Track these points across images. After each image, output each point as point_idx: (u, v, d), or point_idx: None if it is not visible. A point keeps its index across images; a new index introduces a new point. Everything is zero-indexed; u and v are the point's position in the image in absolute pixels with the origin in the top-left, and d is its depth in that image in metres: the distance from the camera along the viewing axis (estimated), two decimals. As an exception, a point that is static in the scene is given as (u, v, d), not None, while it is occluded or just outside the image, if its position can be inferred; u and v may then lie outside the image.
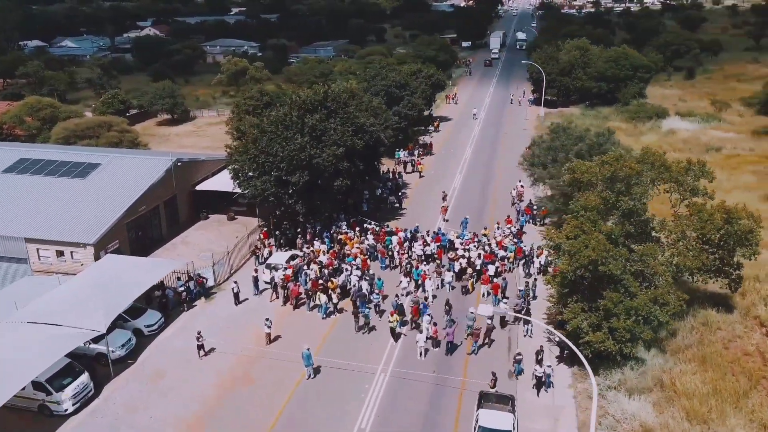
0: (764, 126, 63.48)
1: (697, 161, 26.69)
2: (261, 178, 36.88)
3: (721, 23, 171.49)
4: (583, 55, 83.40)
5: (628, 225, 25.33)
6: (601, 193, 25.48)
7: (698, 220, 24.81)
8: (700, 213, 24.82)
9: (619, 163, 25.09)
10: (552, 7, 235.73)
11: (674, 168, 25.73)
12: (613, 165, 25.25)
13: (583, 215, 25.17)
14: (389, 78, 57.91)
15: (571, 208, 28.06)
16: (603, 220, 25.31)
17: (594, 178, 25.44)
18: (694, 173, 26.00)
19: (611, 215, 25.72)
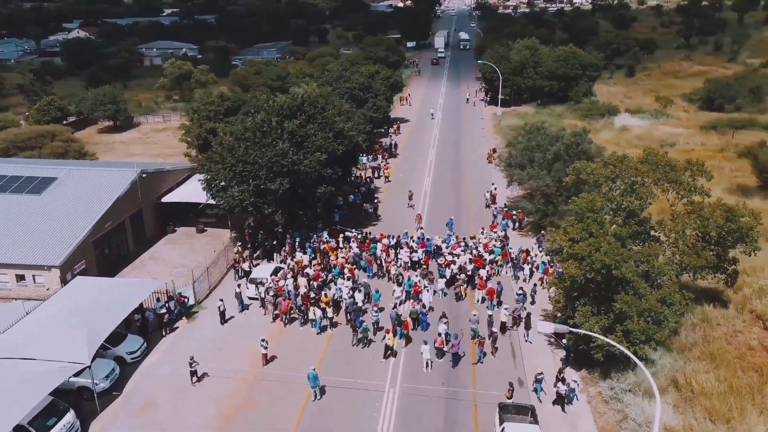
0: (710, 121, 66.17)
1: (696, 160, 27.12)
2: (239, 188, 35.03)
3: (648, 22, 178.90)
4: (533, 54, 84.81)
5: (634, 225, 25.35)
6: (606, 194, 25.41)
7: (698, 218, 25.08)
8: (701, 211, 25.12)
9: (624, 164, 25.11)
10: (488, 7, 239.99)
11: (679, 167, 25.96)
12: (618, 166, 25.24)
13: (589, 217, 24.98)
14: (353, 80, 56.76)
15: (572, 209, 27.91)
16: (610, 221, 25.22)
17: (599, 179, 25.32)
18: (692, 172, 26.35)
19: (617, 216, 25.67)
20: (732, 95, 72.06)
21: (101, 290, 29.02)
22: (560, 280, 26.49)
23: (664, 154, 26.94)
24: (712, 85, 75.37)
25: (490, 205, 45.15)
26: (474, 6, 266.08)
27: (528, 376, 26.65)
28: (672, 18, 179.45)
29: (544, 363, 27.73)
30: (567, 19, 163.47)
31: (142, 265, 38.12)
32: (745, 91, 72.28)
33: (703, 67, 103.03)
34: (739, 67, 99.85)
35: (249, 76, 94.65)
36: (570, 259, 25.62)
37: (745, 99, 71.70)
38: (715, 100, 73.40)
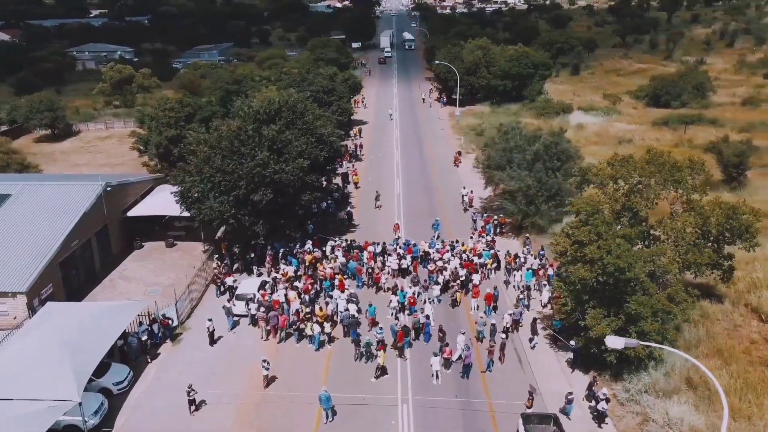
0: (660, 117, 68.42)
1: (697, 159, 27.54)
2: (218, 200, 33.15)
3: (582, 22, 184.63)
4: (485, 54, 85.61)
5: (640, 226, 25.42)
6: (612, 195, 25.34)
7: (698, 216, 25.39)
8: (701, 209, 25.44)
9: (630, 165, 25.13)
10: (427, 7, 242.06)
11: (683, 167, 26.21)
12: (624, 167, 25.24)
13: (597, 218, 24.84)
14: (317, 83, 55.34)
15: (572, 210, 27.81)
16: (617, 222, 25.19)
17: (604, 179, 25.23)
18: (693, 171, 26.68)
19: (622, 217, 25.69)
20: (677, 92, 74.94)
21: (79, 317, 26.63)
22: (567, 283, 26.22)
23: (668, 154, 27.20)
24: (658, 82, 78.14)
25: (468, 208, 44.80)
26: (413, 6, 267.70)
27: (538, 381, 26.31)
28: (604, 18, 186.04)
29: (550, 367, 27.53)
30: (508, 19, 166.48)
31: (112, 285, 35.55)
32: (689, 87, 75.23)
33: (643, 65, 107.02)
34: (675, 64, 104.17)
35: (195, 79, 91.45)
36: (578, 262, 25.45)
37: (690, 95, 74.65)
38: (661, 97, 76.13)
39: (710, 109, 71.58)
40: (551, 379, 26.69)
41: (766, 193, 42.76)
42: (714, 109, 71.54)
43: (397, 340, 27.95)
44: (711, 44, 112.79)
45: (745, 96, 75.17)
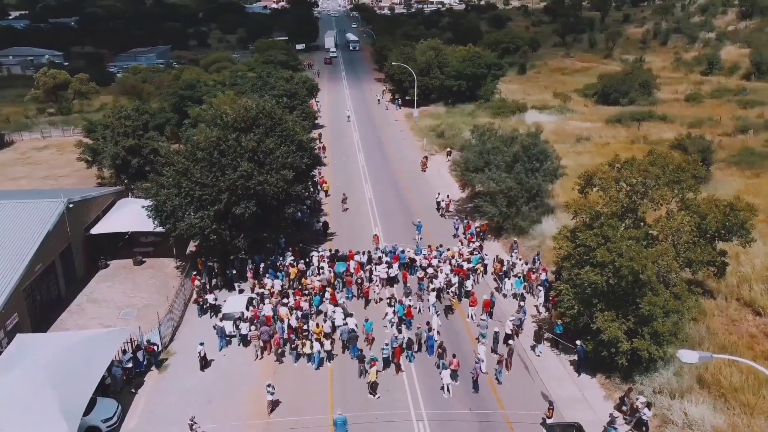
0: (613, 115, 70.17)
1: (692, 159, 27.92)
2: (198, 214, 31.20)
3: (518, 22, 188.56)
4: (438, 55, 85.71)
5: (641, 227, 25.50)
6: (619, 195, 25.27)
7: (696, 214, 25.69)
8: (698, 208, 25.76)
9: (636, 167, 25.17)
10: (365, 8, 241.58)
11: (688, 167, 26.46)
12: (628, 169, 25.25)
13: (604, 221, 24.73)
14: (278, 87, 53.57)
15: (573, 211, 27.73)
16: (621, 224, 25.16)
17: (608, 182, 25.15)
18: (692, 171, 27.01)
19: (626, 218, 25.70)
20: (625, 89, 77.24)
21: (58, 349, 24.31)
22: (573, 286, 25.99)
23: (670, 155, 27.44)
24: (606, 80, 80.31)
25: (444, 214, 44.21)
26: (351, 7, 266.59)
27: (548, 387, 26.00)
28: (539, 18, 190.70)
29: (556, 372, 27.25)
30: (448, 20, 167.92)
31: (81, 310, 32.92)
32: (636, 85, 77.72)
33: (585, 64, 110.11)
34: (615, 63, 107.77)
35: (138, 84, 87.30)
36: (585, 265, 25.27)
37: (637, 93, 77.10)
38: (610, 95, 78.25)
39: (657, 106, 74.03)
40: (560, 384, 26.40)
41: (728, 186, 44.29)
42: (660, 106, 74.05)
43: (394, 356, 26.98)
44: (647, 43, 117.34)
45: (687, 92, 78.29)
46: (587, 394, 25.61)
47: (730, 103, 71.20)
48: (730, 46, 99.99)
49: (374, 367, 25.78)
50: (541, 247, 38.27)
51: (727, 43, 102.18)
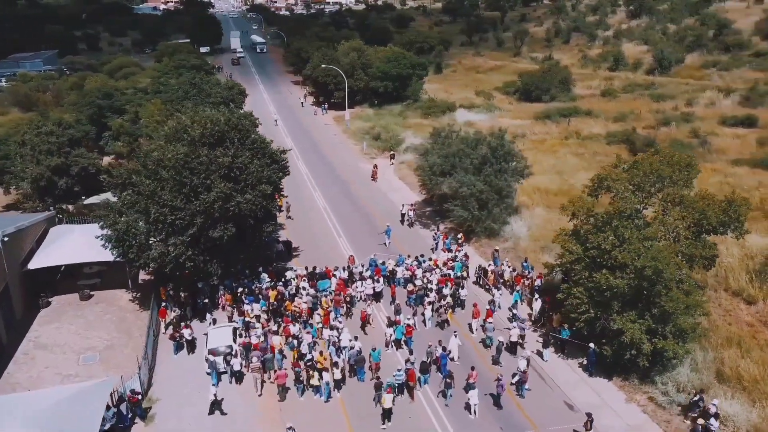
0: (541, 112, 71.93)
1: (688, 156, 28.36)
2: (170, 241, 27.85)
3: (421, 21, 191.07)
4: (361, 56, 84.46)
5: (648, 226, 25.59)
6: (631, 196, 25.14)
7: (693, 209, 26.15)
8: (695, 204, 26.22)
9: (649, 167, 25.12)
10: (263, 9, 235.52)
11: (694, 165, 26.76)
12: (640, 169, 25.17)
13: (618, 223, 24.52)
14: (215, 93, 49.96)
15: (571, 212, 27.46)
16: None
17: (621, 185, 24.96)
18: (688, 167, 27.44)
19: (634, 218, 25.61)
20: (546, 87, 79.75)
21: (34, 413, 20.52)
22: (585, 290, 25.61)
23: (675, 154, 27.66)
24: (527, 78, 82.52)
25: (412, 224, 42.84)
26: (248, 8, 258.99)
27: (568, 396, 25.51)
28: (440, 17, 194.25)
29: (568, 377, 26.83)
30: (354, 20, 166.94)
31: (30, 359, 28.44)
32: (556, 82, 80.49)
33: (498, 62, 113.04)
34: (525, 61, 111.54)
35: (33, 93, 79.00)
36: (599, 268, 24.97)
37: (557, 89, 79.85)
38: (532, 92, 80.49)
39: (577, 102, 77.00)
40: (576, 390, 25.95)
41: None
42: (580, 102, 77.08)
43: (408, 379, 25.39)
44: (551, 41, 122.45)
45: (602, 88, 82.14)
46: (606, 398, 25.32)
47: (643, 98, 75.33)
48: (627, 43, 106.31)
49: (390, 394, 24.09)
50: (516, 248, 38.11)
51: (624, 40, 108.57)
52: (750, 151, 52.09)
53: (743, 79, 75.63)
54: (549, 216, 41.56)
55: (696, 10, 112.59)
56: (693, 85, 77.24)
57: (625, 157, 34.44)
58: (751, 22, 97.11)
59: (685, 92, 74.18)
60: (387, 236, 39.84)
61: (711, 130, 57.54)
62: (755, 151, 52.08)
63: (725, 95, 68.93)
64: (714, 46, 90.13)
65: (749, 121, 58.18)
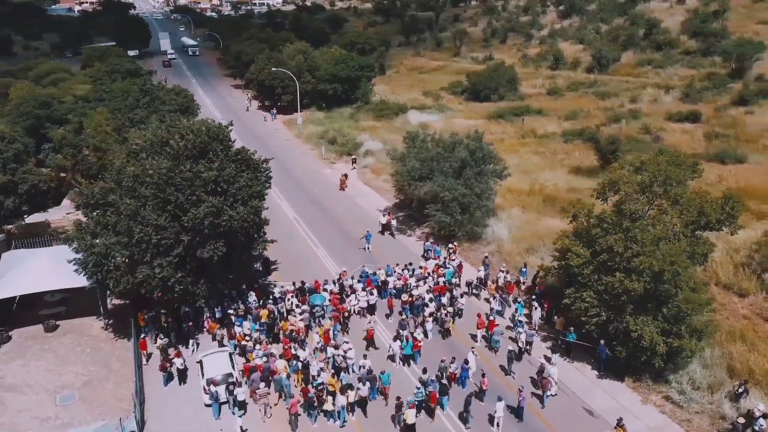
0: (493, 111, 72.55)
1: (683, 155, 28.66)
2: (156, 263, 25.57)
3: (354, 22, 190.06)
4: (307, 58, 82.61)
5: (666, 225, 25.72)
6: (639, 198, 25.07)
7: (693, 208, 26.50)
8: (693, 201, 26.55)
9: (657, 168, 25.10)
10: (190, 10, 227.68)
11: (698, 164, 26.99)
12: (649, 170, 25.14)
13: (629, 225, 24.47)
14: (169, 101, 47.10)
15: (572, 215, 27.29)
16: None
17: (631, 187, 24.85)
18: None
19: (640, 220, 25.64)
20: (494, 86, 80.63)
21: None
22: (597, 292, 25.44)
23: (685, 154, 27.83)
24: (475, 78, 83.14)
25: (393, 234, 41.65)
26: (171, 9, 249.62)
27: (590, 402, 25.25)
28: (372, 18, 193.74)
29: (579, 382, 26.65)
30: (284, 21, 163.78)
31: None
32: (504, 81, 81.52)
33: (440, 63, 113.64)
34: (465, 61, 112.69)
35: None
36: (611, 271, 24.87)
37: (505, 89, 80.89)
38: (480, 92, 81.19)
39: (525, 101, 78.29)
40: (590, 395, 25.80)
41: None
42: (528, 100, 78.37)
43: (429, 401, 24.39)
44: (489, 41, 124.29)
45: (548, 87, 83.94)
46: (622, 401, 25.22)
47: (588, 95, 77.49)
48: (563, 42, 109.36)
49: (412, 409, 23.05)
50: (501, 251, 37.85)
51: (559, 40, 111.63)
52: (699, 146, 54.31)
53: (678, 76, 79.21)
54: (526, 217, 41.76)
55: (624, 10, 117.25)
56: (633, 82, 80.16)
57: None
58: (677, 22, 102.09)
59: (626, 89, 76.89)
60: (367, 241, 38.97)
61: (660, 126, 59.77)
62: (704, 145, 54.39)
63: (666, 92, 71.81)
64: (646, 45, 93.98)
65: (694, 117, 60.70)
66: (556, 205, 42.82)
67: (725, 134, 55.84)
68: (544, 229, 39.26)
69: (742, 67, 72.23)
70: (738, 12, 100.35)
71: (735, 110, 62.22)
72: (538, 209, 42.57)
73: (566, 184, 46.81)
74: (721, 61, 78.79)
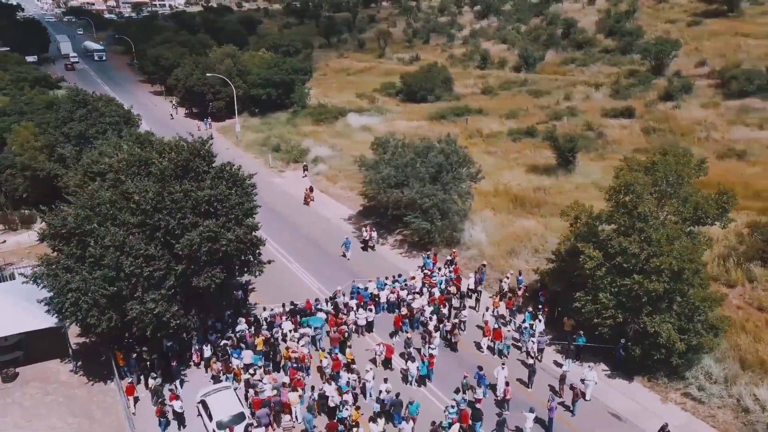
0: (435, 112, 72.18)
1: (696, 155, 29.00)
2: (148, 297, 22.74)
3: (268, 24, 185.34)
4: (236, 62, 79.16)
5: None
6: (651, 199, 25.06)
7: (689, 204, 26.97)
8: (691, 197, 26.96)
9: (668, 168, 25.13)
10: (85, 11, 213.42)
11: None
12: (660, 170, 25.10)
13: (644, 225, 24.48)
14: (108, 111, 43.05)
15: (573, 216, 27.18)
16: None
17: (645, 188, 24.75)
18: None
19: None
20: (430, 86, 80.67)
21: None
22: (612, 294, 25.34)
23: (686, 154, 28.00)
24: (410, 78, 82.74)
25: (374, 247, 39.92)
26: (64, 11, 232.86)
27: (604, 403, 25.12)
28: (285, 19, 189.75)
29: (596, 385, 26.55)
30: (199, 22, 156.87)
31: (-34, 474, 21.76)
32: (439, 81, 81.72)
33: (366, 64, 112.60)
34: (391, 62, 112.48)
35: None
36: (629, 272, 24.82)
37: (441, 89, 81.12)
38: (416, 93, 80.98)
39: (461, 100, 78.90)
40: (610, 397, 25.70)
41: (590, 171, 49.12)
42: (464, 100, 78.98)
43: (461, 420, 23.30)
44: (411, 42, 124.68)
45: (480, 86, 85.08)
46: (641, 401, 25.27)
47: (522, 94, 79.20)
48: (486, 42, 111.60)
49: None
50: (483, 256, 37.30)
51: (481, 39, 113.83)
52: (639, 141, 56.68)
53: (603, 74, 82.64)
54: (499, 219, 41.52)
55: (539, 10, 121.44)
56: (562, 80, 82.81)
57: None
58: (591, 21, 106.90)
59: (557, 87, 79.23)
60: (346, 248, 37.81)
61: (599, 123, 61.88)
62: (644, 140, 56.83)
63: (596, 89, 74.65)
64: (567, 44, 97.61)
65: (628, 113, 63.33)
66: (525, 205, 43.26)
67: (661, 129, 58.64)
68: (520, 230, 39.24)
69: (661, 64, 76.37)
70: (645, 11, 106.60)
71: (663, 105, 65.52)
72: (509, 210, 42.51)
73: (529, 183, 47.21)
74: (639, 59, 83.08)
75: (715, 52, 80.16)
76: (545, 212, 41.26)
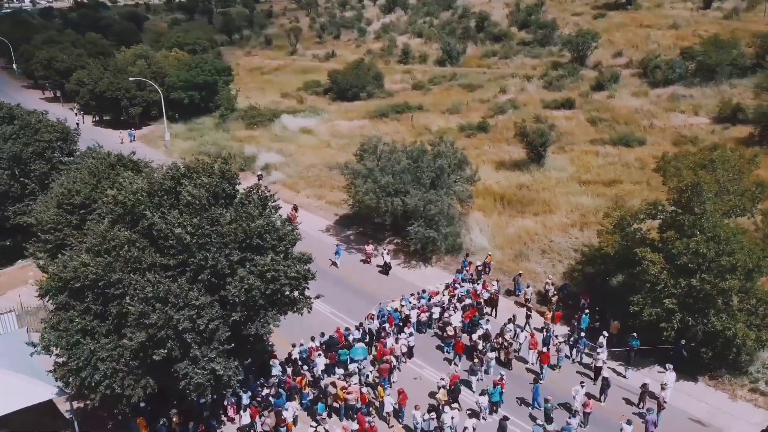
0: (375, 110, 69.12)
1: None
2: (202, 354, 18.69)
3: (155, 21, 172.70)
4: (151, 63, 72.12)
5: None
6: (713, 198, 24.40)
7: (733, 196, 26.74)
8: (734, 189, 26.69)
9: (728, 165, 24.46)
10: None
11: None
12: (722, 168, 24.37)
13: (709, 225, 23.89)
14: (44, 129, 36.70)
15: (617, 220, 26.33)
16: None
17: (711, 187, 23.98)
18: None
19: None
20: (361, 84, 78.02)
21: None
22: (677, 296, 24.63)
23: (736, 150, 27.42)
24: (339, 76, 79.57)
25: (369, 261, 36.94)
26: None
27: (680, 409, 24.41)
28: (173, 16, 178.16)
29: (654, 388, 25.82)
30: (77, 20, 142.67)
31: None
32: (371, 78, 79.23)
33: (279, 62, 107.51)
34: (305, 58, 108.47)
35: None
36: (690, 273, 24.22)
37: (372, 86, 78.70)
38: (347, 91, 78.07)
39: (394, 97, 77.09)
40: (678, 400, 24.98)
41: (557, 163, 49.19)
42: (397, 97, 77.19)
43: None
44: (322, 38, 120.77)
45: (410, 82, 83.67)
46: (711, 402, 24.84)
47: (454, 89, 78.75)
48: (400, 36, 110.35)
49: None
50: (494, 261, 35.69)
51: (394, 34, 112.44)
52: (587, 132, 57.77)
53: (528, 66, 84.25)
54: (492, 220, 40.13)
55: (447, 4, 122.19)
56: (490, 73, 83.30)
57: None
58: (502, 15, 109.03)
59: (488, 80, 79.44)
60: (338, 256, 36.03)
61: (544, 115, 62.49)
62: (592, 130, 58.05)
63: (528, 81, 75.74)
64: (484, 37, 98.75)
65: (569, 104, 64.63)
66: (514, 204, 42.17)
67: (605, 119, 60.17)
68: (519, 231, 38.12)
69: (583, 56, 79.01)
70: (549, 4, 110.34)
71: (597, 95, 67.57)
72: (499, 211, 41.25)
73: (506, 181, 46.21)
74: (557, 51, 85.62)
75: (628, 43, 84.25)
76: (537, 210, 40.46)
